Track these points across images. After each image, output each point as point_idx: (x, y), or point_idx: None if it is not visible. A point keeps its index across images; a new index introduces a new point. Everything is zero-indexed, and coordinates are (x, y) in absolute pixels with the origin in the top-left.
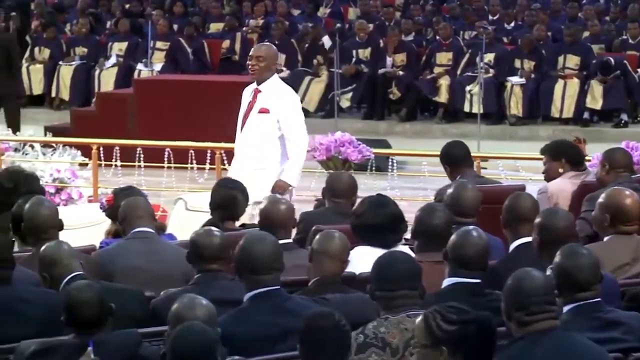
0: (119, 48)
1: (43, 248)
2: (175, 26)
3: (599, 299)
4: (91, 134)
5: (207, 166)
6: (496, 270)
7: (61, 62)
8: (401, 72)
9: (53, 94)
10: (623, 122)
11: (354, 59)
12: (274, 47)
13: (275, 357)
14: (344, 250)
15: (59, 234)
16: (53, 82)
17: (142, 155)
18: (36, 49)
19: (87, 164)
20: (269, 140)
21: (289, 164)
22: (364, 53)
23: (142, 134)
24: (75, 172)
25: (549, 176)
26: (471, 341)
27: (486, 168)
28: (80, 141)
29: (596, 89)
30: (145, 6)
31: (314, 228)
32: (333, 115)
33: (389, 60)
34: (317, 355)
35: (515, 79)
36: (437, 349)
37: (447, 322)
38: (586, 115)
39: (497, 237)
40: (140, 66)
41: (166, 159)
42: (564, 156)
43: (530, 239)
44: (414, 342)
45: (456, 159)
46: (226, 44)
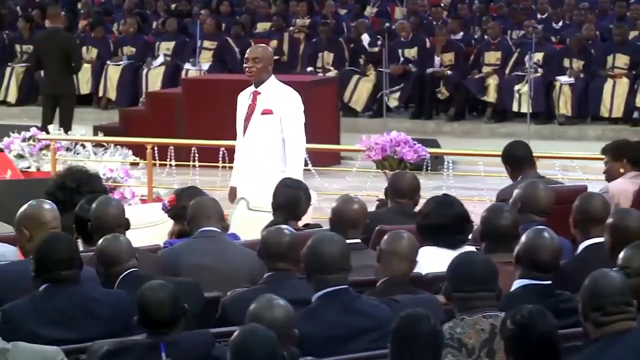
0: (166, 47)
1: (100, 242)
2: (223, 25)
3: None
4: (140, 134)
5: None
6: (566, 271)
7: (109, 62)
8: (449, 72)
9: (100, 93)
10: None
11: (401, 59)
12: (269, 48)
13: (345, 358)
14: (412, 251)
15: (126, 234)
16: (100, 82)
17: (197, 155)
18: (84, 49)
19: (137, 164)
20: (275, 142)
21: (289, 170)
22: (410, 52)
23: (190, 134)
24: (128, 172)
25: (610, 176)
26: (524, 347)
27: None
28: (135, 141)
29: None
30: (193, 5)
31: (377, 228)
32: (381, 115)
33: (437, 60)
34: (410, 358)
35: (564, 79)
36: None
37: (512, 320)
38: (636, 114)
39: (564, 238)
40: (187, 65)
41: (221, 159)
42: (626, 156)
43: (600, 239)
44: None
45: (519, 159)
46: (274, 43)
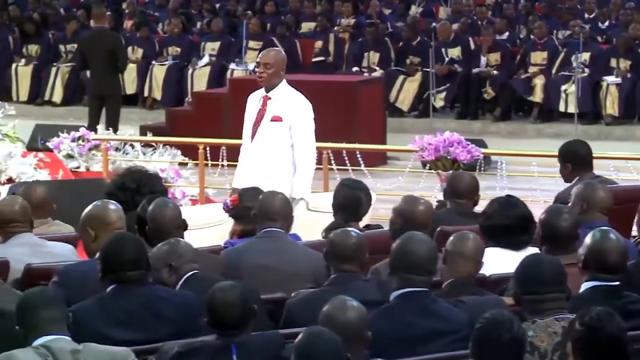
0: (211, 47)
1: (160, 246)
2: (268, 25)
3: None
4: (186, 134)
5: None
6: (631, 272)
7: (154, 62)
8: (495, 72)
9: (145, 93)
10: None
11: (446, 59)
12: (282, 52)
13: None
14: (478, 251)
15: (184, 235)
16: (146, 82)
17: None
18: (129, 49)
19: (186, 164)
20: (283, 149)
21: (299, 177)
22: (454, 52)
23: (237, 134)
24: (179, 172)
25: None
26: (592, 348)
27: None
28: (187, 141)
29: None
30: (238, 6)
31: (439, 229)
32: (427, 115)
33: (483, 60)
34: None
35: (611, 79)
36: None
37: (580, 322)
38: None
39: (627, 238)
40: (232, 65)
41: None
42: None
43: None
44: None
45: (581, 157)
46: (319, 44)
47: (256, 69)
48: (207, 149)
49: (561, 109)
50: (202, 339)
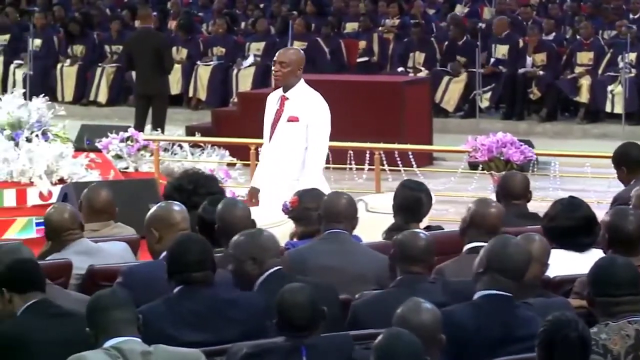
0: (256, 48)
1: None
2: (312, 26)
3: None
4: (232, 134)
5: (366, 167)
6: None
7: (199, 62)
8: (541, 72)
9: (190, 93)
10: None
11: (492, 59)
12: (301, 52)
13: None
14: (544, 253)
15: None
16: (190, 82)
17: None
18: (174, 49)
19: (234, 164)
20: (299, 150)
21: (306, 177)
22: (501, 50)
23: None
24: (228, 172)
25: None
26: None
27: None
28: (238, 141)
29: None
30: (282, 6)
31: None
32: (473, 115)
33: (529, 60)
34: None
35: None
36: None
37: None
38: None
39: None
40: None
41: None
42: None
43: None
44: None
45: (633, 160)
46: (363, 44)
47: (272, 68)
48: (259, 149)
49: (607, 109)
50: (271, 340)
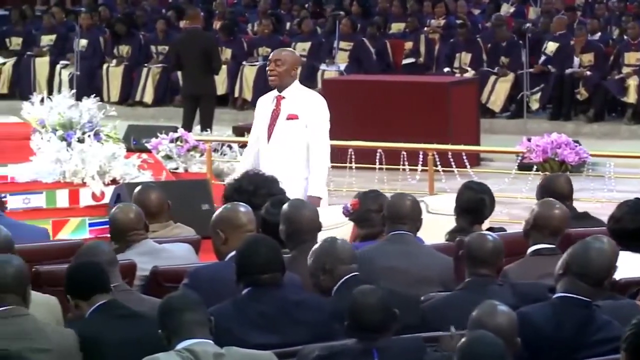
0: (302, 48)
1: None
2: (358, 26)
3: None
4: None
5: (420, 167)
6: None
7: (244, 62)
8: (588, 72)
9: (236, 94)
10: None
11: (542, 57)
12: (296, 54)
13: None
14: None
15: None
16: (236, 83)
17: (353, 156)
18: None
19: None
20: (300, 147)
21: (314, 176)
22: (551, 47)
23: (331, 134)
24: None
25: None
26: None
27: None
28: None
29: None
30: (326, 7)
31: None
32: (520, 116)
33: (576, 60)
34: None
35: None
36: None
37: None
38: None
39: None
40: (323, 66)
41: (377, 160)
42: None
43: None
44: None
45: None
46: (409, 45)
47: (267, 67)
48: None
49: None
50: (342, 343)
